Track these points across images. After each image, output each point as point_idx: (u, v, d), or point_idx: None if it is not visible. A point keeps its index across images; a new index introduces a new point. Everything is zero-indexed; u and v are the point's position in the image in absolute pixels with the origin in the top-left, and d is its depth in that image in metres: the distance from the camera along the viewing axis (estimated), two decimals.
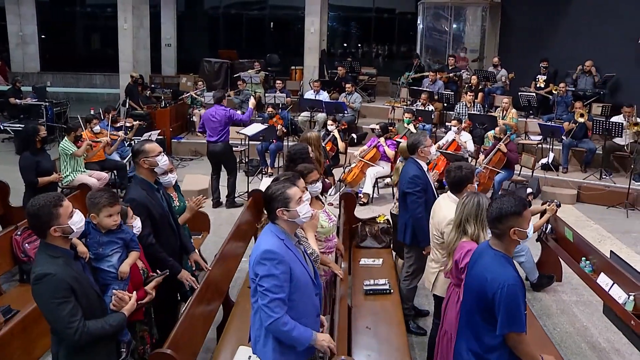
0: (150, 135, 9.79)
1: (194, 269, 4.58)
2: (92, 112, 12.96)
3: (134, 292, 3.45)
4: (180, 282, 4.22)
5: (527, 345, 3.05)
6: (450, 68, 13.61)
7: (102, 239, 3.54)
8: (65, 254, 3.05)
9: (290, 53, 18.81)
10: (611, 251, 5.39)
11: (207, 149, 9.03)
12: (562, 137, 10.15)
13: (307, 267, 3.27)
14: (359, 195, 9.38)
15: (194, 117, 12.76)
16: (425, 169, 5.19)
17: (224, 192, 9.10)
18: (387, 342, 4.35)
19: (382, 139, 9.53)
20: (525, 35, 13.86)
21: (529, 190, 7.46)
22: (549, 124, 10.66)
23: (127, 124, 10.18)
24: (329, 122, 10.13)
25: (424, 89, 12.52)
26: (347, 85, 12.56)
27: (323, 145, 7.42)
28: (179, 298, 4.63)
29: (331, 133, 10.02)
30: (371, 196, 9.44)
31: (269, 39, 18.97)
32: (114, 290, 3.27)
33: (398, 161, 6.17)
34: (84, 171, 8.29)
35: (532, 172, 9.73)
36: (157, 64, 17.30)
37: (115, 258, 3.55)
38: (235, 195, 9.13)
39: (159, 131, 10.44)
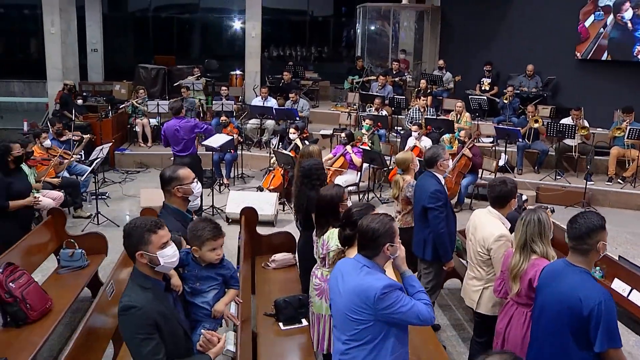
0: (102, 149, 9.14)
1: None
2: (25, 124, 12.10)
3: (225, 334, 3.13)
4: None
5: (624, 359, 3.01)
6: (394, 72, 13.65)
7: (201, 273, 3.31)
8: (156, 286, 2.90)
9: (226, 58, 18.30)
10: (620, 256, 5.47)
11: (174, 162, 8.53)
12: (519, 139, 10.37)
13: None
14: None
15: (136, 127, 12.10)
16: (443, 182, 5.06)
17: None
18: None
19: (348, 147, 9.37)
20: (467, 39, 14.13)
21: (524, 197, 7.51)
22: (505, 127, 10.88)
23: (75, 138, 9.45)
24: (292, 130, 9.86)
25: (375, 93, 12.46)
26: (291, 95, 12.24)
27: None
28: None
29: (293, 142, 9.77)
30: None
31: (203, 43, 18.33)
32: (203, 331, 2.97)
33: (397, 173, 5.99)
34: (37, 191, 7.58)
35: (495, 175, 9.87)
36: (83, 70, 16.27)
37: (212, 295, 3.32)
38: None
39: (110, 144, 9.74)
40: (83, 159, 9.48)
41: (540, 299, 3.30)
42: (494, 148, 11.20)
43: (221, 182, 10.32)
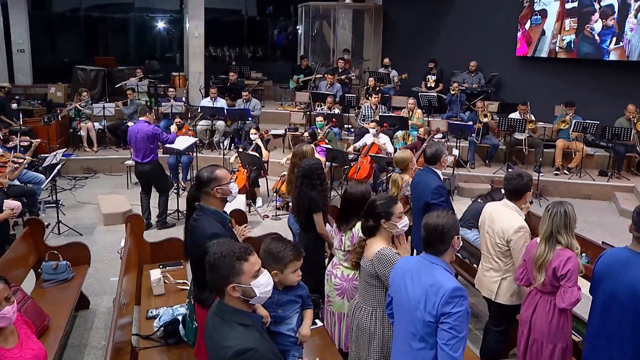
0: (55, 155, 8.71)
1: None
2: None
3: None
4: None
5: None
6: (340, 71, 13.74)
7: (282, 298, 3.07)
8: (257, 322, 2.56)
9: (166, 59, 17.80)
10: (603, 241, 5.74)
11: (135, 169, 8.27)
12: (472, 134, 10.70)
13: None
14: (290, 204, 9.15)
15: (81, 131, 11.57)
16: (442, 178, 5.16)
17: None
18: None
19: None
20: (410, 37, 14.42)
21: (503, 191, 7.76)
22: (457, 122, 11.20)
23: (24, 143, 8.93)
24: (252, 131, 9.72)
25: (325, 92, 12.50)
26: (244, 94, 12.12)
27: None
28: None
29: (254, 142, 9.65)
30: None
31: (139, 43, 17.68)
32: None
33: (395, 172, 6.03)
34: None
35: (453, 170, 10.15)
36: (9, 72, 15.35)
37: (295, 319, 3.09)
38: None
39: (64, 150, 9.27)
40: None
41: (605, 287, 3.46)
42: (445, 144, 11.47)
43: (179, 185, 10.02)
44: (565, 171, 10.64)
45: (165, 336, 4.36)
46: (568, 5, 11.87)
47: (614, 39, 11.18)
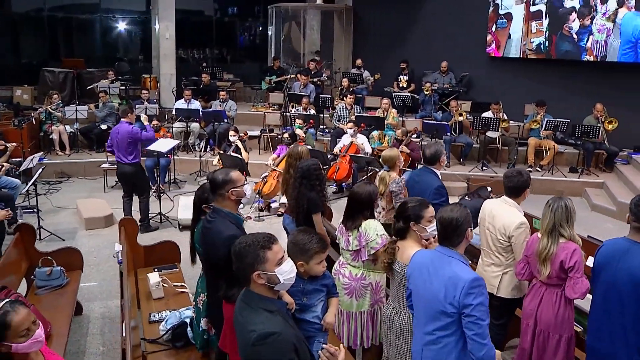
0: (32, 159, 8.54)
1: None
2: None
3: (341, 344, 3.07)
4: None
5: None
6: (313, 72, 13.79)
7: (307, 287, 3.19)
8: (282, 308, 2.69)
9: (134, 60, 17.53)
10: (589, 235, 5.94)
11: (117, 170, 8.16)
12: (448, 134, 10.89)
13: None
14: (272, 205, 9.19)
15: (53, 134, 11.33)
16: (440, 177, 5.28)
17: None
18: None
19: None
20: (381, 38, 14.59)
21: (489, 188, 7.97)
22: (432, 122, 11.38)
23: None
24: (231, 132, 9.67)
25: (299, 93, 12.53)
26: (222, 93, 12.12)
27: None
28: None
29: (233, 144, 9.62)
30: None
31: (106, 45, 17.35)
32: (324, 346, 2.81)
33: (383, 170, 6.13)
34: None
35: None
36: None
37: (320, 307, 3.21)
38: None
39: (41, 153, 9.07)
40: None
41: (605, 276, 3.59)
42: (420, 143, 11.65)
43: (159, 187, 9.93)
44: (537, 168, 10.91)
45: (172, 339, 4.34)
46: (533, 9, 12.18)
47: (591, 38, 11.46)
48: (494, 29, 12.84)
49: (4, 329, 2.62)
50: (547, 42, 12.02)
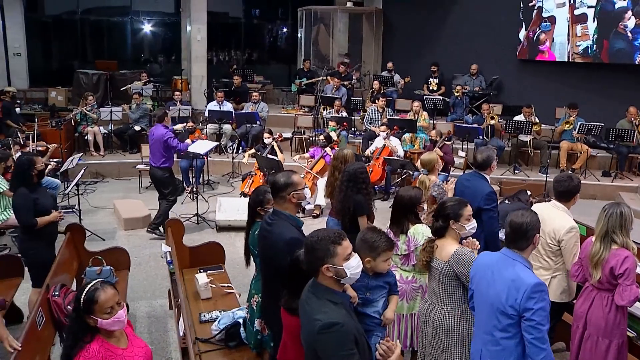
0: (72, 160, 8.71)
1: None
2: None
3: (397, 339, 3.16)
4: None
5: None
6: (343, 75, 13.84)
7: (371, 282, 3.32)
8: (345, 300, 2.84)
9: (166, 62, 17.74)
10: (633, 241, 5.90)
11: (150, 173, 8.26)
12: (480, 137, 10.87)
13: None
14: (306, 207, 9.25)
15: (88, 135, 11.53)
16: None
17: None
18: None
19: (327, 149, 9.44)
20: (410, 41, 14.60)
21: (529, 192, 7.98)
22: (464, 125, 11.37)
23: (40, 148, 8.90)
24: (266, 134, 9.78)
25: (332, 95, 12.60)
26: (255, 95, 12.24)
27: None
28: None
29: (269, 146, 9.71)
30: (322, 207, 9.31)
31: (138, 47, 17.59)
32: (382, 341, 2.91)
33: (421, 174, 6.17)
34: None
35: (464, 172, 10.30)
36: (3, 75, 15.19)
37: (381, 303, 3.36)
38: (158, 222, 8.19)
39: (81, 154, 9.25)
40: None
41: None
42: (452, 146, 11.65)
43: (192, 189, 10.05)
44: (570, 172, 10.84)
45: (226, 339, 4.42)
46: (577, 12, 12.00)
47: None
48: (537, 31, 12.68)
49: (92, 304, 2.87)
50: (594, 46, 11.83)
